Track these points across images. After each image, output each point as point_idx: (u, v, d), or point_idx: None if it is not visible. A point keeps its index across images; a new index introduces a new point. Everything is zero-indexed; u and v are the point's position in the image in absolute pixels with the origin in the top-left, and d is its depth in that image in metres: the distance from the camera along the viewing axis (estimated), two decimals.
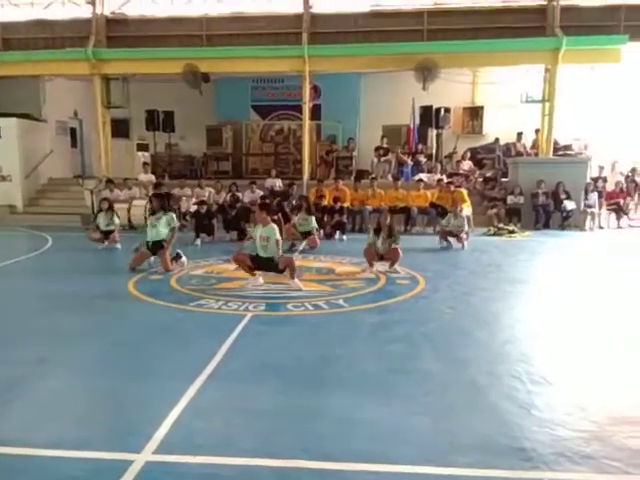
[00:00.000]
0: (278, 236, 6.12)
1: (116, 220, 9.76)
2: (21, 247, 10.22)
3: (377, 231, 7.11)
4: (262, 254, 6.15)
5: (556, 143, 13.60)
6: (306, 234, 9.23)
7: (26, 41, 14.12)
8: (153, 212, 7.57)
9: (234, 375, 3.59)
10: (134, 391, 3.35)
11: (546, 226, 12.03)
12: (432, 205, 11.78)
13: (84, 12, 14.17)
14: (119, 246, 9.46)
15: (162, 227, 7.35)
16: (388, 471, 2.48)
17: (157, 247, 7.28)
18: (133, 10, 14.29)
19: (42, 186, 15.03)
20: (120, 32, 14.08)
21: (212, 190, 12.67)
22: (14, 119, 14.44)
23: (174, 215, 7.58)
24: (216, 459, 2.55)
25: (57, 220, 12.85)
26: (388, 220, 7.23)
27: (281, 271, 6.14)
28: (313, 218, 9.30)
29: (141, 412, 3.04)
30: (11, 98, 14.99)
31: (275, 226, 6.16)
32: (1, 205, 14.08)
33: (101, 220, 9.66)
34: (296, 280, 6.12)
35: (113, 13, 14.18)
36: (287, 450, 2.63)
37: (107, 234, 9.55)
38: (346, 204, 11.62)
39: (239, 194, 12.08)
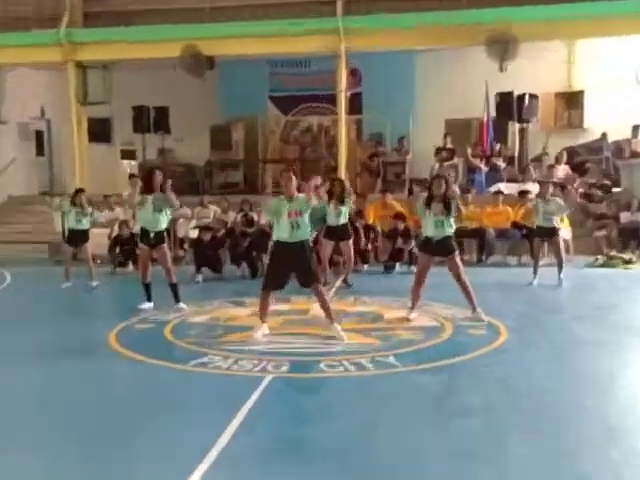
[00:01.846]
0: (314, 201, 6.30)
1: (94, 215, 10.26)
2: None
3: (429, 201, 6.95)
4: (291, 238, 6.19)
5: None
6: (337, 232, 9.14)
7: None
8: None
9: (247, 459, 3.58)
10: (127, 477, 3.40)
11: None
12: (515, 225, 11.63)
13: None
14: (95, 284, 9.68)
15: (164, 213, 7.75)
16: None
17: (159, 241, 7.64)
18: None
19: None
20: (100, 7, 14.67)
21: (218, 209, 12.78)
22: None
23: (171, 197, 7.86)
24: None
25: (18, 250, 13.28)
26: (443, 188, 6.91)
27: (313, 277, 6.27)
28: (346, 208, 9.18)
29: None
30: None
31: (304, 196, 6.22)
32: None
33: (71, 215, 9.99)
34: (337, 327, 6.20)
35: None
36: None
37: (79, 238, 9.87)
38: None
39: (254, 214, 12.08)
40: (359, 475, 3.40)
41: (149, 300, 7.84)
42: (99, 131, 16.09)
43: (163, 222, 7.73)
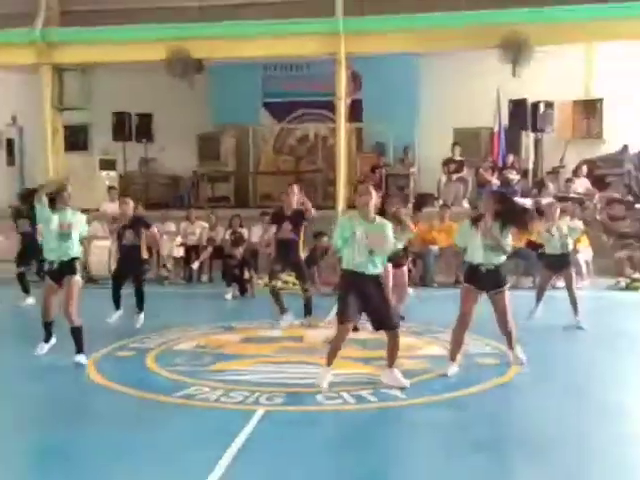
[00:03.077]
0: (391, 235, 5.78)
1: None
2: None
3: (475, 221, 6.33)
4: (366, 269, 5.66)
5: None
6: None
7: None
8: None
9: None
10: None
11: None
12: (530, 245, 11.66)
13: None
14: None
15: (74, 238, 6.81)
16: None
17: (66, 272, 6.71)
18: None
19: None
20: (79, 5, 14.87)
21: (205, 225, 13.14)
22: None
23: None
24: None
25: None
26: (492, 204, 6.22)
27: (392, 320, 5.78)
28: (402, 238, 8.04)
29: None
30: None
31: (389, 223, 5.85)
32: None
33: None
34: (395, 372, 5.82)
35: None
36: None
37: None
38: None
39: (244, 230, 12.55)
40: None
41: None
42: (76, 139, 16.34)
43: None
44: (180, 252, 13.05)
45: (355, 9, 13.64)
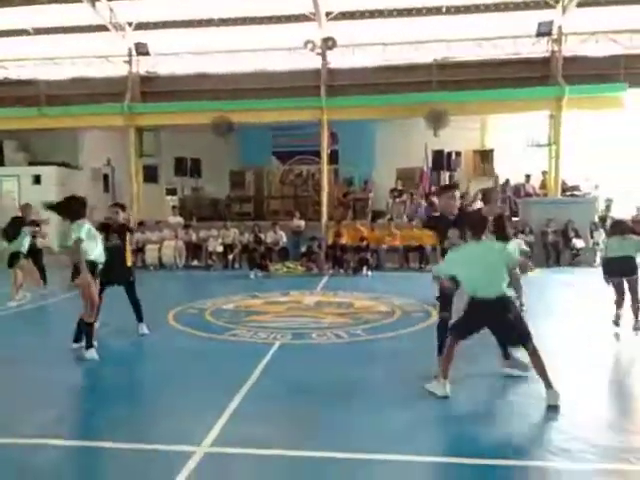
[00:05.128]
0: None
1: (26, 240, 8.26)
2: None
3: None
4: (488, 293, 3.77)
5: (564, 184, 14.12)
6: None
7: (67, 97, 15.25)
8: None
9: (267, 392, 4.19)
10: (190, 401, 3.98)
11: (557, 263, 12.42)
12: None
13: (121, 70, 15.38)
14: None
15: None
16: (396, 459, 3.07)
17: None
18: (165, 68, 15.50)
19: None
20: (153, 88, 15.25)
21: (236, 231, 13.42)
22: (53, 167, 15.62)
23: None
24: (258, 451, 3.18)
25: None
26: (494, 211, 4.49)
27: (521, 339, 3.81)
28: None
29: (196, 418, 3.66)
30: (51, 148, 16.23)
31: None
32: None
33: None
34: (556, 392, 3.70)
35: (147, 72, 15.37)
36: (319, 445, 3.24)
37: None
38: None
39: (262, 235, 12.90)
40: (339, 400, 4.02)
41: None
42: (150, 175, 16.38)
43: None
44: (220, 248, 13.10)
45: (333, 91, 14.20)
